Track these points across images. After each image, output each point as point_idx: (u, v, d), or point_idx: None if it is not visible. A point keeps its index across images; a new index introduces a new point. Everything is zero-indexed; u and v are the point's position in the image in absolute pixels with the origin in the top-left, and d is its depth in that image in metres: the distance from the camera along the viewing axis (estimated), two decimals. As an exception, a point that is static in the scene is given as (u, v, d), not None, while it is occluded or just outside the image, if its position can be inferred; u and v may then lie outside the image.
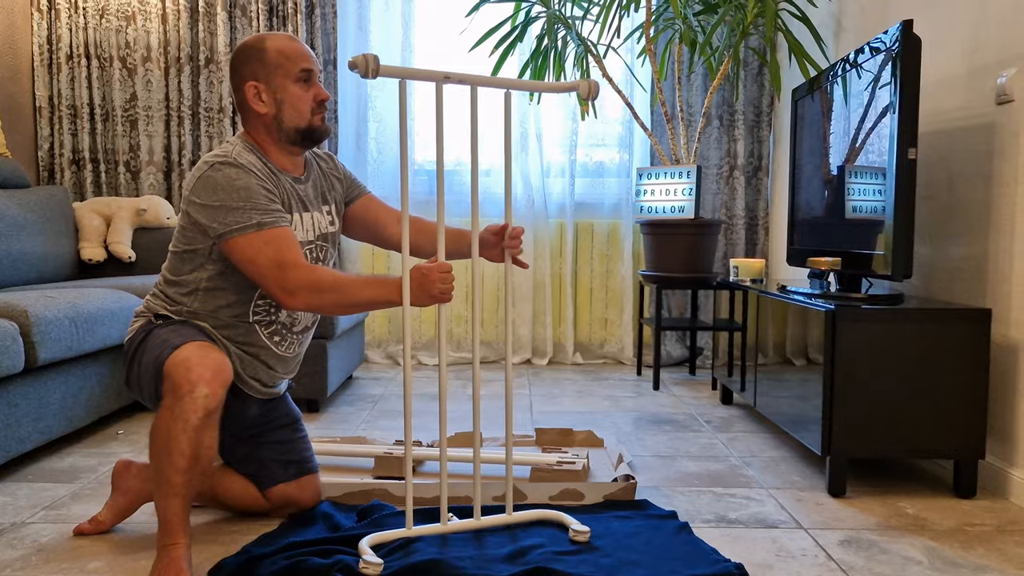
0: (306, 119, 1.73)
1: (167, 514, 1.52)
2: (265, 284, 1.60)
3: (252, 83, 1.71)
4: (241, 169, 1.63)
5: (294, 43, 1.73)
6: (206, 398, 1.49)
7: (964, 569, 1.66)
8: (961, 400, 2.08)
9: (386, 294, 1.62)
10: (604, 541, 1.75)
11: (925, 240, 2.51)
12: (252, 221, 1.60)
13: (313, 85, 1.74)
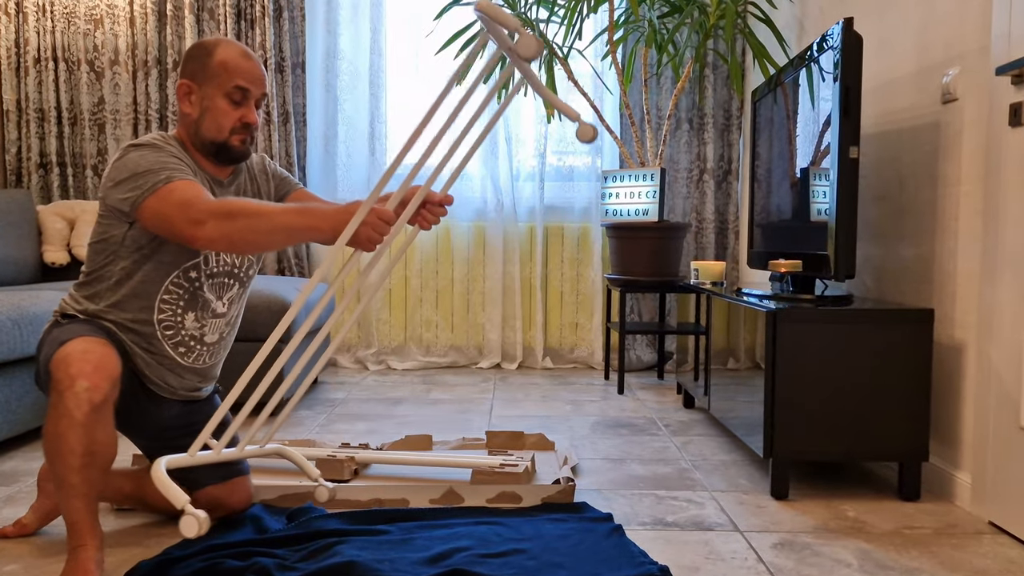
0: (223, 135, 1.69)
1: (71, 516, 1.49)
2: (174, 228, 1.51)
3: (187, 81, 1.70)
4: (155, 148, 1.62)
5: (244, 59, 1.69)
6: (88, 391, 1.46)
7: (893, 571, 1.64)
8: (904, 402, 2.06)
9: (308, 221, 1.51)
10: (533, 544, 1.72)
11: (878, 241, 2.49)
12: (161, 177, 1.55)
13: (244, 106, 1.70)
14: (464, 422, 2.90)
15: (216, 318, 1.78)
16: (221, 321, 1.80)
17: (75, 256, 3.46)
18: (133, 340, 1.69)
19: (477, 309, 4.11)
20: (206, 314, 1.76)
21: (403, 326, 4.12)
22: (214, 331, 1.79)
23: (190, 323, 1.73)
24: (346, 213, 1.53)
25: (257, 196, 1.84)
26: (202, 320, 1.75)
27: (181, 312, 1.72)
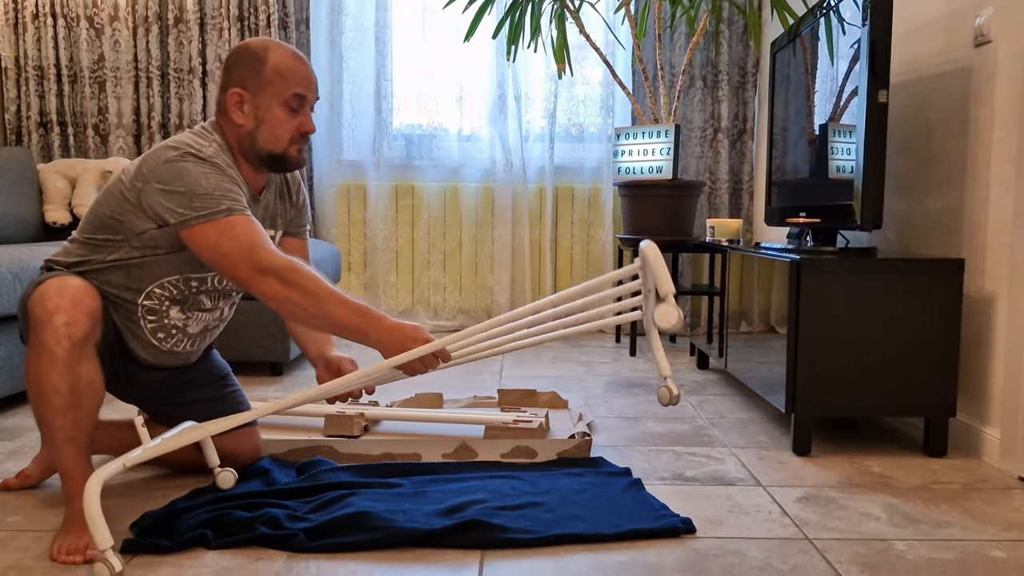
0: (282, 146, 1.60)
1: (63, 464, 1.44)
2: (230, 265, 1.45)
3: (238, 91, 1.59)
4: (216, 169, 1.51)
5: (298, 63, 1.60)
6: (66, 326, 1.39)
7: (924, 525, 1.58)
8: (932, 355, 1.99)
9: (364, 328, 1.46)
10: (549, 497, 1.67)
11: (902, 194, 2.42)
12: (222, 207, 1.47)
13: (302, 113, 1.61)
14: (475, 383, 2.85)
15: (203, 312, 1.70)
16: (208, 315, 1.72)
17: (76, 216, 3.40)
18: (112, 308, 1.60)
19: (486, 272, 4.04)
20: (193, 309, 1.67)
21: (410, 289, 4.06)
22: (199, 323, 1.70)
23: (175, 314, 1.65)
24: (405, 337, 1.47)
25: (281, 218, 1.78)
26: (188, 313, 1.67)
27: (168, 305, 1.63)
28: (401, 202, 4.02)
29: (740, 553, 1.44)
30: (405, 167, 4.02)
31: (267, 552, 1.42)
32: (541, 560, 1.40)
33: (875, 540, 1.51)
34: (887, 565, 1.40)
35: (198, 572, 1.34)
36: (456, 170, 4.01)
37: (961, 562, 1.42)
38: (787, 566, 1.39)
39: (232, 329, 2.82)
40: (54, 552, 1.38)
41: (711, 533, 1.53)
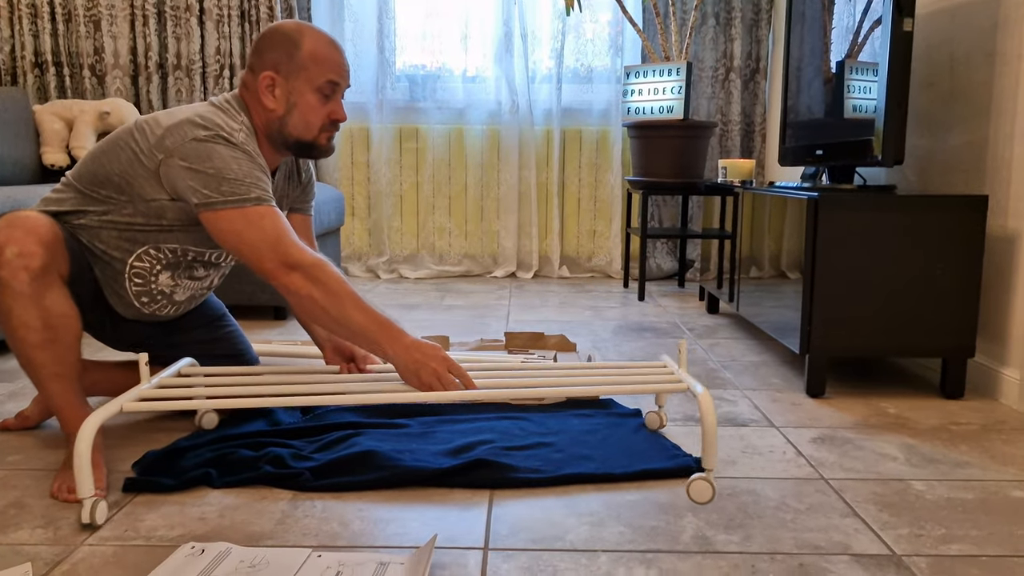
0: (312, 134, 1.55)
1: (55, 402, 1.41)
2: (255, 256, 1.41)
3: (270, 74, 1.52)
4: (247, 156, 1.46)
5: (333, 50, 1.53)
6: (19, 257, 1.34)
7: (943, 465, 1.55)
8: (952, 295, 1.94)
9: (381, 339, 1.43)
10: (559, 437, 1.64)
11: (924, 131, 2.34)
12: (252, 195, 1.42)
13: (334, 100, 1.56)
14: (481, 326, 2.81)
15: (194, 281, 1.65)
16: (198, 284, 1.67)
17: (74, 157, 3.33)
18: (97, 265, 1.54)
19: (492, 216, 3.98)
20: (184, 277, 1.63)
21: (415, 234, 4.00)
22: (186, 291, 1.65)
23: (164, 280, 1.60)
24: (424, 356, 1.43)
25: (285, 198, 1.72)
26: (177, 280, 1.62)
27: (160, 269, 1.58)
28: (405, 145, 3.94)
29: (755, 493, 1.41)
30: (409, 109, 3.93)
31: (272, 491, 1.39)
32: (551, 499, 1.37)
33: (893, 480, 1.47)
34: (906, 505, 1.37)
35: (201, 511, 1.31)
36: (461, 112, 3.92)
37: (982, 502, 1.38)
38: (803, 505, 1.36)
39: (235, 273, 2.78)
40: (54, 490, 1.36)
41: (725, 473, 1.50)
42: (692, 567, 1.14)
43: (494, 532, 1.24)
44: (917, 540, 1.24)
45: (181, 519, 1.28)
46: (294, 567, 1.12)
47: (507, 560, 1.16)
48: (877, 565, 1.16)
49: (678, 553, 1.18)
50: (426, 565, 1.06)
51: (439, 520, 1.29)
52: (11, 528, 1.25)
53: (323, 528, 1.25)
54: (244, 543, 1.20)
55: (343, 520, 1.28)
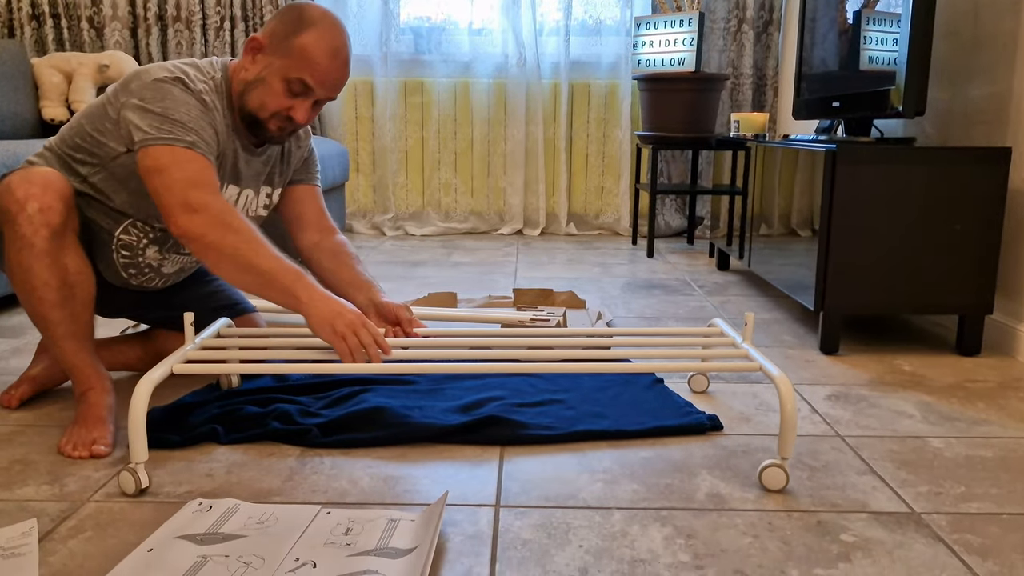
0: (263, 114, 1.46)
1: (68, 360, 1.38)
2: (165, 196, 1.32)
3: (260, 39, 1.45)
4: (203, 107, 1.40)
5: (328, 59, 1.43)
6: (41, 213, 1.30)
7: (960, 423, 1.52)
8: (971, 251, 1.89)
9: (291, 285, 1.33)
10: (569, 395, 1.61)
11: (944, 83, 2.27)
12: (187, 138, 1.35)
13: (300, 100, 1.46)
14: (489, 282, 2.78)
15: (181, 255, 1.61)
16: (187, 258, 1.63)
17: (75, 112, 3.28)
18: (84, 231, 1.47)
19: (498, 172, 3.92)
20: (172, 252, 1.58)
21: (421, 190, 3.95)
22: (175, 264, 1.61)
23: (151, 254, 1.55)
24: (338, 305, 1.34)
25: (279, 176, 1.65)
26: (165, 255, 1.57)
27: (146, 244, 1.53)
28: (410, 99, 3.87)
29: (769, 450, 1.39)
30: (414, 62, 3.85)
31: (280, 447, 1.38)
32: (564, 456, 1.35)
33: (910, 438, 1.45)
34: (924, 462, 1.34)
35: (209, 467, 1.30)
36: (467, 65, 3.84)
37: (1002, 459, 1.36)
38: (819, 463, 1.34)
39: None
40: (61, 445, 1.34)
41: (738, 430, 1.47)
42: (707, 525, 1.12)
43: (506, 489, 1.23)
44: (936, 498, 1.21)
45: (188, 475, 1.26)
46: (303, 524, 1.10)
47: (520, 518, 1.14)
48: (896, 523, 1.13)
49: (693, 511, 1.16)
50: (437, 523, 1.05)
51: (450, 477, 1.27)
52: (17, 484, 1.23)
53: (332, 485, 1.23)
54: (252, 500, 1.18)
55: (352, 477, 1.26)
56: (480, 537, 1.08)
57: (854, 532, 1.11)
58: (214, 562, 1.00)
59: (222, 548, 1.03)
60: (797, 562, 1.03)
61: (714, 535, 1.10)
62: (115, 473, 1.27)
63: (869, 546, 1.07)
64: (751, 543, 1.08)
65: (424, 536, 1.04)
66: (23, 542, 1.05)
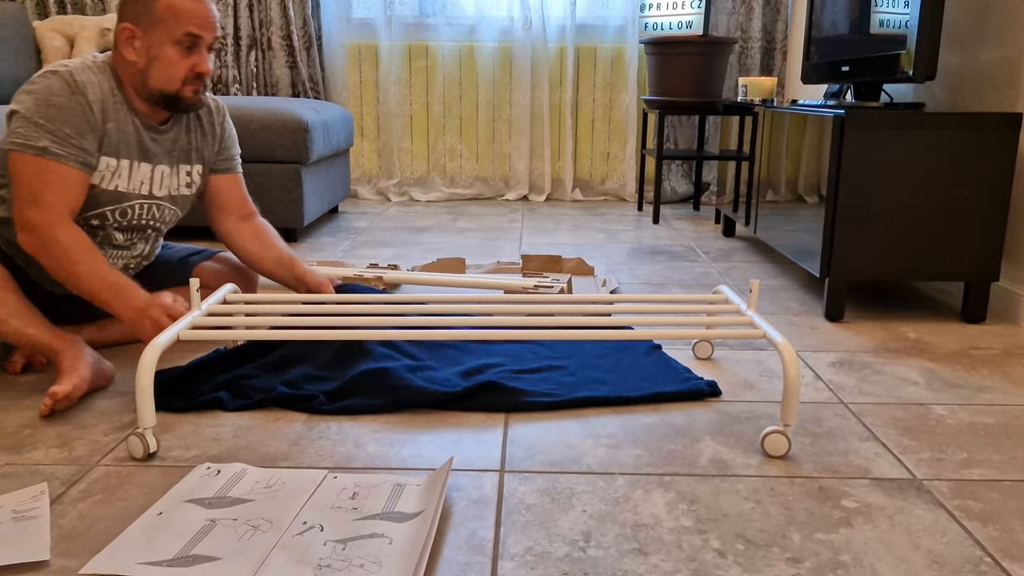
0: (175, 86, 1.50)
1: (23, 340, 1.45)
2: (14, 209, 1.43)
3: (129, 25, 1.47)
4: (69, 88, 1.43)
5: (193, 1, 1.47)
6: None
7: (964, 390, 1.52)
8: (978, 217, 1.88)
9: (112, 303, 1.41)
10: (570, 361, 1.62)
11: (955, 46, 2.24)
12: (39, 144, 1.40)
13: (197, 53, 1.50)
14: (494, 249, 2.78)
15: (119, 249, 1.62)
16: (127, 253, 1.64)
17: (78, 76, 3.26)
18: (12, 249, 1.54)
19: (503, 138, 3.90)
20: (106, 245, 1.60)
21: (426, 156, 3.93)
22: (116, 261, 1.63)
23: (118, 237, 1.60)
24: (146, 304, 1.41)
25: (196, 152, 1.65)
26: (101, 250, 1.58)
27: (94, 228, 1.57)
28: (415, 63, 3.83)
29: (772, 416, 1.39)
30: (418, 25, 3.81)
31: (286, 413, 1.39)
32: (567, 422, 1.36)
33: (913, 404, 1.45)
34: (927, 429, 1.35)
35: (216, 431, 1.31)
36: (472, 28, 3.79)
37: (1004, 426, 1.36)
38: (822, 429, 1.34)
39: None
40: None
41: (742, 397, 1.48)
42: (710, 490, 1.13)
43: (510, 455, 1.24)
44: (938, 464, 1.22)
45: (196, 440, 1.28)
46: (310, 488, 1.11)
47: (524, 483, 1.15)
48: (898, 489, 1.14)
49: (696, 476, 1.17)
50: (442, 487, 1.06)
51: (455, 443, 1.28)
52: (26, 448, 1.24)
53: (338, 450, 1.25)
54: (259, 464, 1.20)
55: (358, 442, 1.27)
56: (485, 502, 1.10)
57: (856, 498, 1.12)
58: (223, 525, 1.01)
59: (230, 512, 1.05)
60: (799, 527, 1.04)
61: (716, 500, 1.11)
62: (123, 437, 1.28)
63: (870, 512, 1.08)
64: (753, 508, 1.09)
65: (430, 500, 1.05)
66: (34, 505, 1.06)
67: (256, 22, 3.67)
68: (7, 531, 1.00)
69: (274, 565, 0.93)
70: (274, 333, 1.31)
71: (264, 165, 2.72)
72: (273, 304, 1.50)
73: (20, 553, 0.95)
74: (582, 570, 0.94)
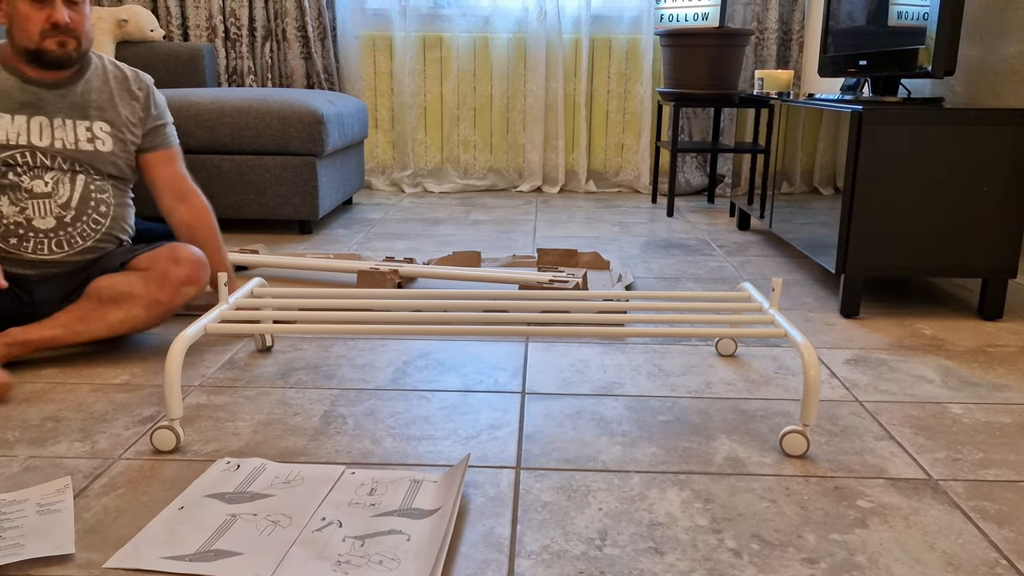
0: (34, 41, 1.52)
1: None
2: None
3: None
4: None
5: None
6: None
7: (980, 388, 1.52)
8: (996, 213, 1.87)
9: None
10: (589, 356, 1.62)
11: (974, 41, 2.22)
12: None
13: (50, 5, 1.51)
14: (508, 241, 2.78)
15: (42, 199, 1.59)
16: (51, 202, 1.60)
17: (95, 67, 3.27)
18: None
19: (517, 129, 3.89)
20: (21, 196, 1.58)
21: (440, 147, 3.93)
22: (45, 214, 1.59)
23: (7, 208, 1.57)
24: None
25: (105, 111, 1.65)
26: (20, 204, 1.58)
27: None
28: (429, 54, 3.83)
29: (788, 414, 1.40)
30: (432, 16, 3.80)
31: (304, 408, 1.40)
32: (584, 419, 1.36)
33: (929, 403, 1.45)
34: (943, 428, 1.35)
35: (235, 426, 1.32)
36: (487, 19, 3.79)
37: (1021, 426, 1.36)
38: (837, 428, 1.34)
39: (259, 187, 2.75)
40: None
41: (757, 394, 1.48)
42: (725, 489, 1.14)
43: (526, 452, 1.24)
44: (954, 464, 1.22)
45: (216, 434, 1.29)
46: (329, 483, 1.13)
47: (540, 479, 1.16)
48: (913, 489, 1.14)
49: (711, 475, 1.18)
50: (460, 484, 1.07)
51: (470, 439, 1.29)
52: (49, 441, 1.26)
53: (355, 445, 1.26)
54: (278, 459, 1.21)
55: (375, 437, 1.29)
56: (501, 499, 1.11)
57: (871, 498, 1.12)
58: (243, 520, 1.03)
59: (250, 507, 1.06)
60: (814, 527, 1.04)
61: (732, 499, 1.11)
62: (144, 431, 1.30)
63: (886, 512, 1.08)
64: (768, 507, 1.09)
65: (447, 497, 1.06)
66: (59, 499, 1.08)
67: (271, 13, 3.68)
68: (32, 524, 1.01)
69: (294, 561, 0.94)
70: (299, 327, 1.32)
71: (279, 157, 2.73)
72: (300, 298, 1.51)
73: (46, 546, 0.96)
74: (599, 569, 0.95)
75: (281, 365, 1.60)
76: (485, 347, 1.71)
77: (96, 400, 1.42)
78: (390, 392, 1.47)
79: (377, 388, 1.49)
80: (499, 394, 1.47)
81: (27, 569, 0.93)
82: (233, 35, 3.69)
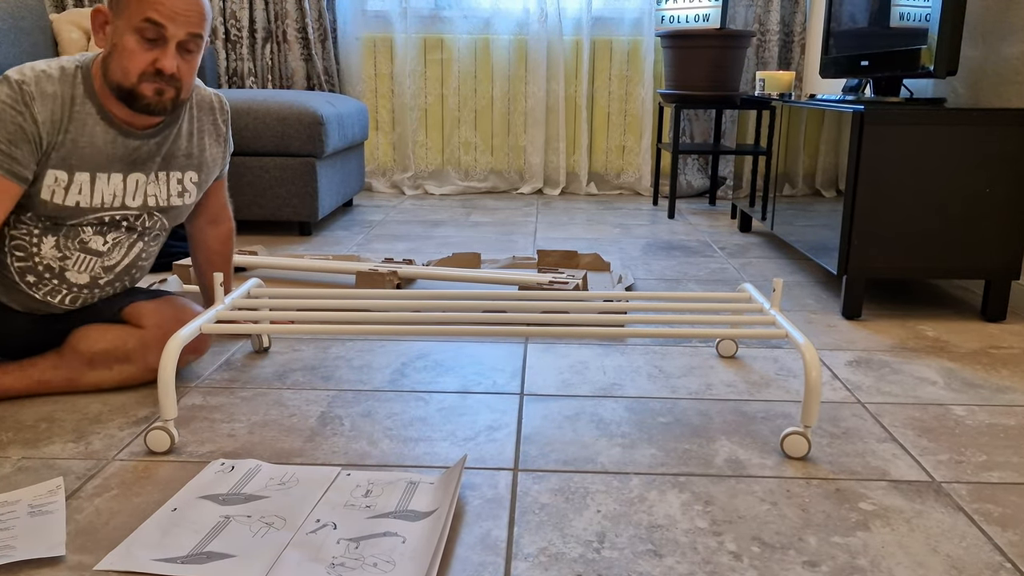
0: (130, 81, 1.31)
1: None
2: None
3: (104, 8, 1.32)
4: (18, 94, 1.28)
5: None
6: None
7: (983, 390, 1.51)
8: (999, 214, 1.86)
9: None
10: (589, 357, 1.61)
11: (976, 41, 2.21)
12: None
13: (160, 48, 1.30)
14: (508, 243, 2.77)
15: (90, 255, 1.44)
16: (97, 261, 1.45)
17: (95, 69, 3.27)
18: None
19: (518, 131, 3.88)
20: (73, 245, 1.42)
21: (440, 149, 3.92)
22: (84, 270, 1.44)
23: (48, 251, 1.40)
24: None
25: (192, 157, 1.50)
26: (65, 251, 1.42)
27: (39, 234, 1.39)
28: (430, 56, 3.82)
29: (789, 416, 1.38)
30: (433, 18, 3.80)
31: (300, 409, 1.39)
32: (582, 421, 1.35)
33: (932, 405, 1.44)
34: (946, 430, 1.33)
35: (231, 427, 1.31)
36: (487, 21, 3.78)
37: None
38: (839, 430, 1.33)
39: (259, 188, 2.74)
40: None
41: (758, 396, 1.47)
42: (725, 491, 1.13)
43: (524, 453, 1.23)
44: (957, 466, 1.21)
45: (211, 435, 1.28)
46: (324, 485, 1.11)
47: (538, 481, 1.15)
48: (916, 491, 1.13)
49: (711, 477, 1.17)
50: (456, 485, 1.05)
51: (468, 441, 1.27)
52: (43, 442, 1.25)
53: (351, 447, 1.25)
54: (273, 460, 1.20)
55: (372, 439, 1.27)
56: (499, 500, 1.09)
57: (873, 500, 1.10)
58: (237, 522, 1.02)
59: (244, 508, 1.05)
60: (815, 530, 1.03)
61: (732, 501, 1.10)
62: (139, 432, 1.29)
63: (888, 514, 1.07)
64: (769, 510, 1.08)
65: (443, 499, 1.05)
66: (50, 500, 1.07)
67: (271, 15, 3.67)
68: (23, 526, 1.00)
69: (288, 563, 0.93)
70: (296, 328, 1.31)
71: (279, 158, 2.73)
72: (297, 299, 1.50)
73: (36, 548, 0.95)
74: (596, 571, 0.94)
75: (278, 366, 1.59)
76: (484, 348, 1.70)
77: (91, 401, 1.41)
78: (388, 393, 1.46)
79: (375, 389, 1.47)
80: (498, 395, 1.46)
81: (17, 571, 0.92)
82: (234, 37, 3.68)
